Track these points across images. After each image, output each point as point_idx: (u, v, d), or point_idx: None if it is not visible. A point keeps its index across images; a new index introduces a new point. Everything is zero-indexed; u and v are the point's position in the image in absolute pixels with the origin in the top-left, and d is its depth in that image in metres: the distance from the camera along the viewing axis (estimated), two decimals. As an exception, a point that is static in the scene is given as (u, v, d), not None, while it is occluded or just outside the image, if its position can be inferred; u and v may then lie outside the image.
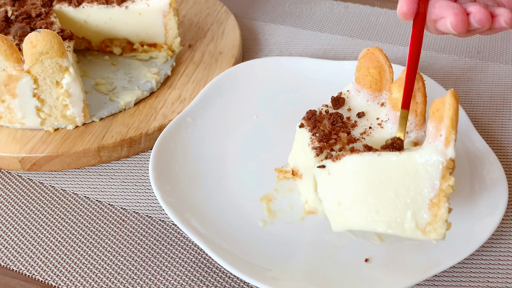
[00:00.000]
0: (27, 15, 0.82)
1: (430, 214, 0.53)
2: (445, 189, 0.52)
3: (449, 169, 0.52)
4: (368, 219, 0.56)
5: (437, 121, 0.54)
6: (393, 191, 0.55)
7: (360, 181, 0.57)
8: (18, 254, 0.67)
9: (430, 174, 0.53)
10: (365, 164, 0.56)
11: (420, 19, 0.60)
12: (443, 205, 0.53)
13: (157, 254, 0.67)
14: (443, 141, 0.53)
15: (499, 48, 1.02)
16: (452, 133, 0.52)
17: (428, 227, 0.53)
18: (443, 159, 0.52)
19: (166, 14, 0.87)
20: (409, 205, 0.54)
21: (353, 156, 0.58)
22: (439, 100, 0.55)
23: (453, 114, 0.52)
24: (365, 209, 0.56)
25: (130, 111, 0.83)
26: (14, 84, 0.74)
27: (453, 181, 0.52)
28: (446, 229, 0.53)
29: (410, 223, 0.54)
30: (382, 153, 0.56)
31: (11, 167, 0.77)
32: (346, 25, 1.09)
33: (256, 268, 0.62)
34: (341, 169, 0.59)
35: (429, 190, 0.53)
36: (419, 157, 0.53)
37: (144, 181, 0.77)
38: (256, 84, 0.86)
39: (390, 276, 0.61)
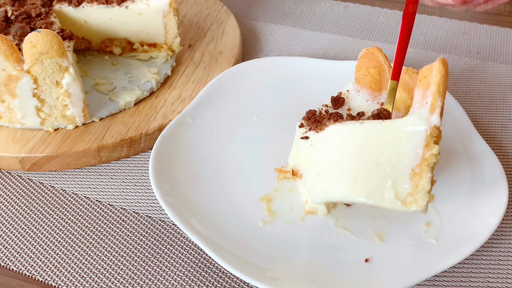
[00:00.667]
0: (27, 15, 0.82)
1: (411, 185, 0.51)
2: (428, 159, 0.50)
3: (433, 137, 0.50)
4: (346, 189, 0.54)
5: (424, 88, 0.52)
6: (373, 159, 0.53)
7: (341, 150, 0.55)
8: (18, 254, 0.67)
9: (413, 142, 0.50)
10: (347, 133, 0.55)
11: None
12: (425, 175, 0.50)
13: (157, 254, 0.67)
14: (428, 108, 0.51)
15: (499, 48, 1.02)
16: (438, 100, 0.50)
17: (409, 198, 0.51)
18: (427, 126, 0.50)
19: (166, 14, 0.87)
20: (389, 175, 0.52)
21: (336, 125, 0.56)
22: (427, 67, 0.53)
23: (440, 81, 0.50)
24: (344, 178, 0.54)
25: (130, 111, 0.83)
26: (14, 84, 0.74)
27: (437, 150, 0.50)
28: (427, 201, 0.51)
29: (389, 193, 0.52)
30: (365, 122, 0.54)
31: (11, 167, 0.77)
32: (346, 25, 1.09)
33: (256, 268, 0.62)
34: (323, 140, 0.57)
35: (411, 159, 0.51)
36: (402, 125, 0.51)
37: (144, 181, 0.77)
38: (256, 84, 0.86)
39: (390, 276, 0.61)
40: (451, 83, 0.93)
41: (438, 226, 0.67)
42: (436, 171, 0.73)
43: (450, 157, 0.74)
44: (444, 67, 0.51)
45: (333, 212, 0.69)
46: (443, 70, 0.51)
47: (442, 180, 0.72)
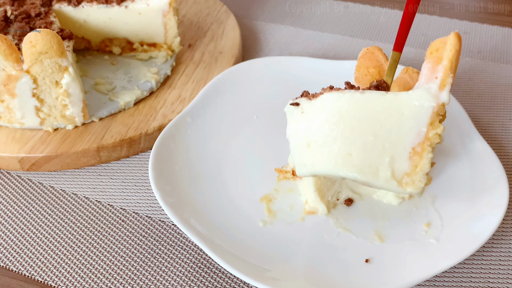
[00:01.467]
0: (26, 15, 0.82)
1: (410, 164, 0.48)
2: (432, 138, 0.47)
3: (440, 115, 0.47)
4: (338, 162, 0.50)
5: (435, 62, 0.49)
6: (372, 133, 0.49)
7: (336, 120, 0.50)
8: (17, 255, 0.67)
9: (418, 119, 0.47)
10: (345, 101, 0.50)
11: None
12: (426, 155, 0.47)
13: (157, 255, 0.67)
14: (438, 83, 0.47)
15: (500, 48, 1.01)
16: (449, 76, 0.47)
17: (406, 178, 0.48)
18: (435, 103, 0.47)
19: (166, 13, 0.87)
20: (388, 151, 0.48)
21: (332, 93, 0.52)
22: (440, 40, 0.50)
23: (453, 56, 0.47)
24: (337, 151, 0.50)
25: (129, 111, 0.83)
26: (13, 84, 0.74)
27: (442, 130, 0.47)
28: (425, 184, 0.48)
29: (385, 171, 0.48)
30: (366, 91, 0.50)
31: (11, 167, 0.77)
32: (346, 25, 1.09)
33: (256, 269, 0.62)
34: (317, 107, 0.53)
35: (413, 137, 0.47)
36: (407, 98, 0.48)
37: (144, 181, 0.76)
38: (256, 84, 0.86)
39: (391, 276, 0.61)
40: (451, 83, 0.93)
41: (439, 226, 0.67)
42: (436, 171, 0.73)
43: (451, 157, 0.74)
44: (459, 41, 0.47)
45: (333, 212, 0.69)
46: (458, 45, 0.47)
47: (442, 180, 0.72)
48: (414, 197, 0.70)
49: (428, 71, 0.49)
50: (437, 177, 0.73)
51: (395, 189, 0.49)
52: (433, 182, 0.72)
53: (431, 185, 0.72)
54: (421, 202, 0.70)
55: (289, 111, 0.56)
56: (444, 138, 0.77)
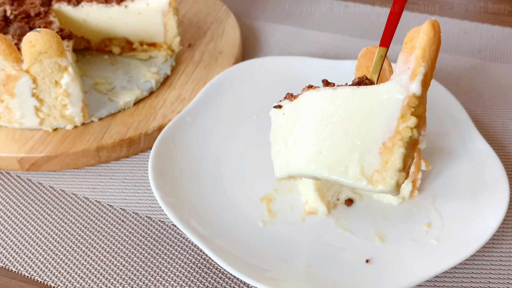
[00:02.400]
0: (26, 15, 0.82)
1: (380, 160, 0.45)
2: (402, 131, 0.44)
3: (411, 107, 0.44)
4: (309, 160, 0.48)
5: (408, 52, 0.47)
6: (342, 129, 0.46)
7: (310, 118, 0.49)
8: (17, 255, 0.67)
9: (387, 112, 0.44)
10: (318, 99, 0.49)
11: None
12: (397, 150, 0.44)
13: (157, 255, 0.67)
14: (409, 74, 0.45)
15: (500, 48, 1.01)
16: (421, 65, 0.44)
17: (376, 175, 0.45)
18: (405, 95, 0.44)
19: (166, 13, 0.87)
20: (357, 147, 0.45)
21: (309, 91, 0.51)
22: (415, 29, 0.47)
23: (426, 43, 0.45)
24: (308, 149, 0.48)
25: (129, 111, 0.83)
26: (13, 84, 0.73)
27: (414, 123, 0.44)
28: (398, 180, 0.45)
29: (355, 168, 0.45)
30: (338, 87, 0.48)
31: (10, 167, 0.77)
32: (346, 25, 1.09)
33: (256, 269, 0.61)
34: (295, 108, 0.52)
35: (383, 131, 0.45)
36: (377, 92, 0.45)
37: (144, 181, 0.76)
38: (256, 84, 0.86)
39: (391, 277, 0.61)
40: (452, 83, 0.93)
41: (439, 226, 0.66)
42: (437, 171, 0.73)
43: (451, 157, 0.74)
44: (433, 29, 0.45)
45: (333, 212, 0.69)
46: (431, 32, 0.45)
47: (443, 180, 0.72)
48: (415, 197, 0.70)
49: (402, 62, 0.47)
50: (437, 177, 0.72)
51: (365, 187, 0.46)
52: (433, 182, 0.72)
53: (432, 185, 0.71)
54: (421, 202, 0.70)
55: (273, 114, 0.55)
56: (445, 138, 0.77)
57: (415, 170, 0.68)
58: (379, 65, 0.53)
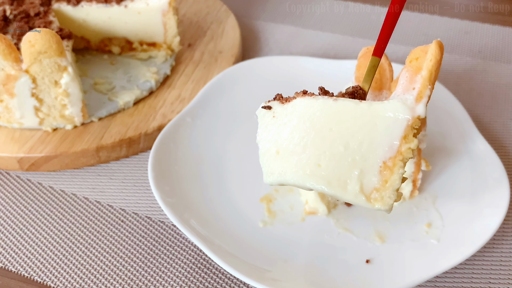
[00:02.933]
0: (25, 14, 0.81)
1: (380, 179, 0.45)
2: (404, 152, 0.45)
3: (414, 129, 0.45)
4: (306, 172, 0.47)
5: (413, 72, 0.47)
6: (342, 144, 0.46)
7: (307, 127, 0.48)
8: (16, 255, 0.67)
9: (391, 131, 0.45)
10: (317, 108, 0.48)
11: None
12: (397, 170, 0.44)
13: (156, 255, 0.67)
14: (415, 95, 0.45)
15: (501, 48, 1.01)
16: (427, 88, 0.45)
17: (375, 193, 0.45)
18: (410, 116, 0.44)
19: (166, 13, 0.87)
20: (358, 163, 0.46)
21: (305, 98, 0.50)
22: (421, 48, 0.48)
23: (433, 66, 0.45)
24: (305, 160, 0.48)
25: (129, 111, 0.83)
26: (12, 84, 0.73)
27: (416, 145, 0.44)
28: (395, 200, 0.46)
29: (354, 184, 0.45)
30: (339, 99, 0.48)
31: (10, 167, 0.77)
32: (346, 24, 1.09)
33: (256, 269, 0.61)
34: (288, 112, 0.51)
35: (384, 150, 0.45)
36: (381, 109, 0.45)
37: (144, 181, 0.76)
38: (256, 84, 0.86)
39: (391, 277, 0.61)
40: (452, 82, 0.93)
41: (440, 226, 0.66)
42: (437, 171, 0.73)
43: (452, 157, 0.74)
44: (440, 51, 0.46)
45: (333, 212, 0.69)
46: (439, 55, 0.45)
47: (443, 180, 0.72)
48: (415, 197, 0.70)
49: (406, 80, 0.47)
50: (438, 177, 0.72)
51: (363, 204, 0.46)
52: (434, 182, 0.72)
53: (432, 185, 0.71)
54: (422, 202, 0.70)
55: (261, 114, 0.54)
56: (445, 138, 0.76)
57: (415, 170, 0.68)
58: (371, 75, 0.52)
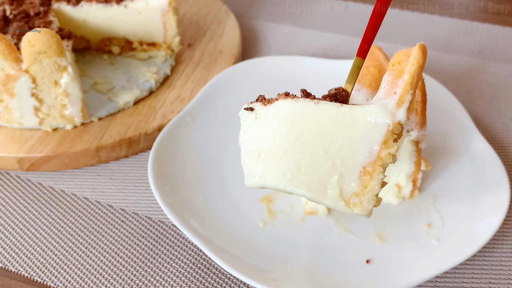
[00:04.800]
0: (25, 14, 0.81)
1: (359, 184, 0.45)
2: (384, 158, 0.44)
3: (394, 134, 0.44)
4: (286, 176, 0.47)
5: (395, 76, 0.47)
6: (323, 148, 0.46)
7: (288, 130, 0.48)
8: (16, 255, 0.67)
9: (371, 136, 0.44)
10: (298, 111, 0.48)
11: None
12: (376, 175, 0.44)
13: (156, 255, 0.67)
14: (396, 99, 0.45)
15: (501, 47, 1.01)
16: (408, 93, 0.44)
17: (354, 198, 0.45)
18: (390, 121, 0.44)
19: (165, 13, 0.86)
20: (338, 168, 0.45)
21: (286, 100, 0.49)
22: (404, 52, 0.47)
23: (415, 71, 0.45)
24: (286, 163, 0.47)
25: (129, 110, 0.83)
26: (12, 84, 0.73)
27: (396, 150, 0.44)
28: (374, 205, 0.45)
29: (333, 189, 0.45)
30: (320, 102, 0.48)
31: (10, 167, 0.77)
32: (346, 24, 1.09)
33: (256, 269, 0.61)
34: (270, 115, 0.50)
35: (364, 155, 0.45)
36: (362, 113, 0.45)
37: (143, 181, 0.76)
38: (256, 84, 0.86)
39: (391, 277, 0.61)
40: (452, 82, 0.93)
41: (440, 226, 0.66)
42: (437, 171, 0.73)
43: (452, 157, 0.74)
44: (423, 55, 0.45)
45: (333, 212, 0.69)
46: (421, 59, 0.45)
47: (443, 180, 0.72)
48: (415, 197, 0.70)
49: (388, 84, 0.46)
50: (438, 177, 0.72)
51: (342, 209, 0.46)
52: (434, 182, 0.72)
53: (432, 185, 0.71)
54: (422, 203, 0.70)
55: (243, 116, 0.53)
56: (445, 138, 0.76)
57: (415, 170, 0.68)
58: (355, 76, 0.51)
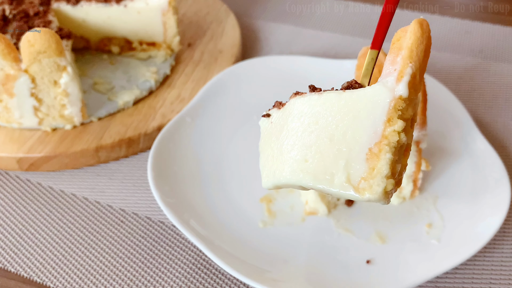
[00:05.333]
0: (25, 14, 0.81)
1: (366, 167, 0.43)
2: (389, 136, 0.42)
3: (398, 110, 0.43)
4: (294, 169, 0.46)
5: (395, 53, 0.45)
6: (327, 136, 0.45)
7: (297, 125, 0.47)
8: (15, 256, 0.67)
9: (373, 116, 0.43)
10: (304, 105, 0.47)
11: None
12: (383, 155, 0.42)
13: (156, 256, 0.66)
14: (396, 75, 0.43)
15: (501, 47, 1.01)
16: (408, 66, 0.43)
17: (363, 183, 0.43)
18: (391, 97, 0.43)
19: (165, 12, 0.86)
20: (343, 154, 0.44)
21: (296, 98, 0.49)
22: (402, 29, 0.46)
23: (413, 44, 0.43)
24: (294, 157, 0.46)
25: (128, 110, 0.83)
26: (11, 84, 0.73)
27: (401, 127, 0.42)
28: (385, 188, 0.42)
29: (341, 176, 0.44)
30: (323, 92, 0.47)
31: (9, 167, 0.77)
32: (347, 24, 1.09)
33: (256, 270, 0.61)
34: (283, 116, 0.50)
35: (369, 136, 0.43)
36: (362, 95, 0.44)
37: (143, 181, 0.76)
38: (256, 84, 0.86)
39: (392, 277, 0.61)
40: (453, 82, 0.92)
41: (440, 226, 0.66)
42: (438, 171, 0.72)
43: (452, 157, 0.74)
44: (420, 28, 0.44)
45: (333, 212, 0.69)
46: (419, 31, 0.43)
47: (444, 180, 0.72)
48: (416, 197, 0.70)
49: (389, 63, 0.45)
50: (438, 177, 0.72)
51: (351, 195, 0.44)
52: (434, 182, 0.72)
53: (433, 186, 0.71)
54: (422, 203, 0.70)
55: (262, 124, 0.53)
56: (446, 138, 0.76)
57: (415, 170, 0.68)
58: (370, 68, 0.50)
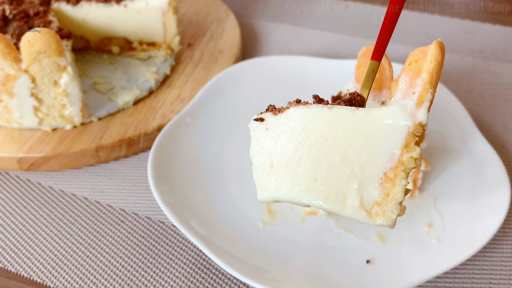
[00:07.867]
0: (25, 14, 0.81)
1: (380, 191, 0.42)
2: (406, 162, 0.42)
3: (416, 137, 0.42)
4: (302, 187, 0.44)
5: (413, 75, 0.44)
6: (340, 154, 0.43)
7: (302, 138, 0.45)
8: (16, 255, 0.67)
9: (390, 140, 0.42)
10: (311, 118, 0.45)
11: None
12: (399, 182, 0.41)
13: (156, 256, 0.66)
14: (415, 100, 0.42)
15: (501, 47, 1.01)
16: (428, 92, 0.42)
17: (376, 208, 0.42)
18: (411, 122, 0.42)
19: (165, 12, 0.86)
20: (357, 175, 0.43)
21: (298, 107, 0.47)
22: (420, 50, 0.45)
23: (434, 68, 0.43)
24: (301, 174, 0.44)
25: (128, 110, 0.83)
26: (11, 84, 0.73)
27: (418, 154, 0.41)
28: (398, 214, 0.42)
29: (353, 199, 0.42)
30: (334, 107, 0.45)
31: (9, 167, 0.77)
32: (346, 24, 1.09)
33: (256, 269, 0.61)
34: (282, 124, 0.47)
35: (385, 160, 0.42)
36: (379, 116, 0.43)
37: (143, 181, 0.76)
38: (256, 84, 0.86)
39: (392, 277, 0.61)
40: (453, 82, 0.92)
41: (440, 227, 0.66)
42: (438, 171, 0.72)
43: (452, 157, 0.74)
44: (441, 52, 0.43)
45: (333, 212, 0.69)
46: (440, 56, 0.43)
47: (444, 180, 0.72)
48: (415, 198, 0.70)
49: (406, 85, 0.44)
50: (438, 177, 0.72)
51: (364, 220, 0.43)
52: (434, 182, 0.72)
53: (433, 185, 0.71)
54: (422, 203, 0.70)
55: (253, 127, 0.50)
56: (446, 138, 0.76)
57: (415, 170, 0.68)
58: (370, 80, 0.49)
